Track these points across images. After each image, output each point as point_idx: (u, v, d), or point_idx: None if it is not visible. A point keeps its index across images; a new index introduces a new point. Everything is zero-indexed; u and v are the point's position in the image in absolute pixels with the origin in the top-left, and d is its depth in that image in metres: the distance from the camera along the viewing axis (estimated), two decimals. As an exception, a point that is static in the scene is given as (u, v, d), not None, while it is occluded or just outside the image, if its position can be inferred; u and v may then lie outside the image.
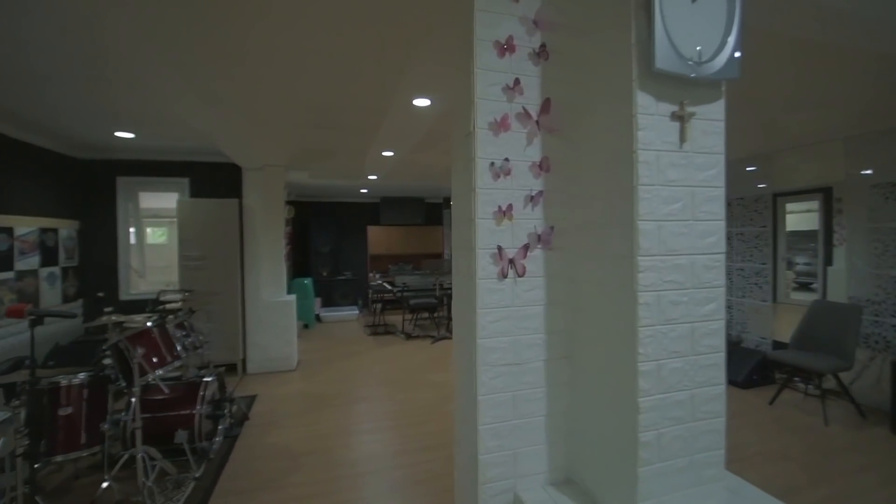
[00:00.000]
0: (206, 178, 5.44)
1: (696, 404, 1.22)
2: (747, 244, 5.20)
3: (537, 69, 1.43)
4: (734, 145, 4.86)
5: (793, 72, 2.76)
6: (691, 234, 1.20)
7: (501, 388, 1.39)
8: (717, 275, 1.23)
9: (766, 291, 4.99)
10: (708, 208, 1.22)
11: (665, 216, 1.17)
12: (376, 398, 4.46)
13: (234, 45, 2.34)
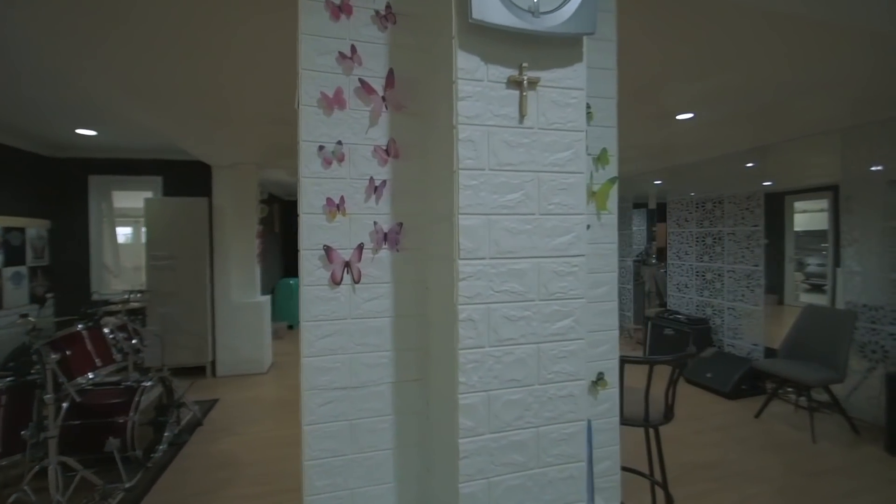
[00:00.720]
0: (180, 177, 5.32)
1: (543, 446, 0.95)
2: (739, 245, 4.81)
3: (383, 35, 1.18)
4: (728, 138, 4.52)
5: (785, 55, 2.44)
6: (536, 231, 0.94)
7: (335, 415, 1.15)
8: (574, 283, 0.96)
9: (759, 295, 4.60)
10: (560, 199, 0.96)
11: (497, 209, 0.92)
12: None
13: (164, 40, 2.14)
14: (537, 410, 0.95)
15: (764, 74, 2.72)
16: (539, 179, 0.95)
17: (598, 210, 1.38)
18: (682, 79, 2.83)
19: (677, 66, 2.61)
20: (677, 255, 5.63)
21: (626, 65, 1.35)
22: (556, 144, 0.96)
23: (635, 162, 5.49)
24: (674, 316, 5.34)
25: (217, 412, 4.08)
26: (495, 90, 0.92)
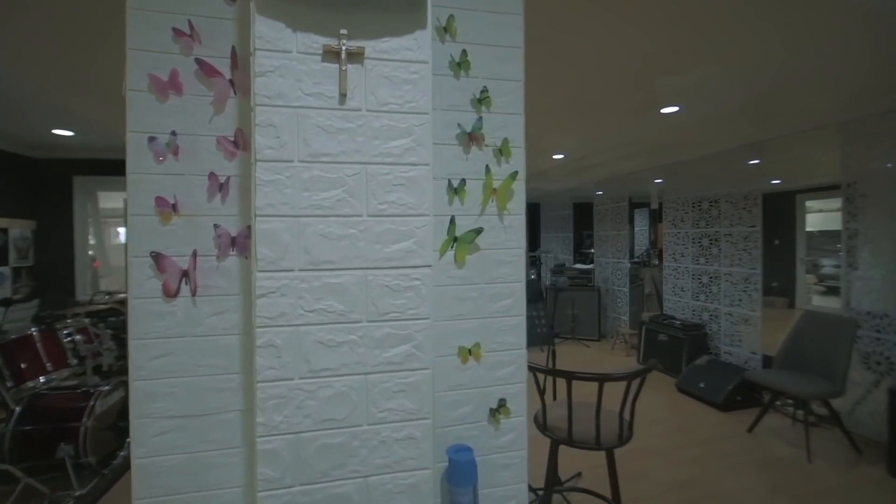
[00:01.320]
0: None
1: (375, 500, 0.78)
2: (736, 246, 4.52)
3: (232, 9, 1.02)
4: (721, 133, 4.23)
5: (773, 42, 2.19)
6: (363, 237, 0.76)
7: (171, 447, 0.99)
8: (416, 300, 0.78)
9: (756, 300, 4.30)
10: (396, 197, 0.78)
11: (309, 209, 0.74)
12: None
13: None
14: (365, 457, 0.77)
15: (753, 64, 2.47)
16: (367, 173, 0.77)
17: (500, 210, 1.18)
18: (667, 70, 2.60)
19: (661, 57, 2.39)
20: (673, 257, 5.35)
21: (607, 57, 1.17)
22: (390, 130, 0.78)
23: (632, 159, 5.23)
24: (669, 321, 5.06)
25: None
26: (306, 63, 0.74)
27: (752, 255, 4.32)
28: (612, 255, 6.46)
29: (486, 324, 1.17)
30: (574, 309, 6.44)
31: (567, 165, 5.72)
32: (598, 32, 2.06)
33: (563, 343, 6.32)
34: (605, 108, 3.31)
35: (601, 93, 2.97)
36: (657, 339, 5.11)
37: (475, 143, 1.17)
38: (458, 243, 1.15)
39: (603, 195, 6.60)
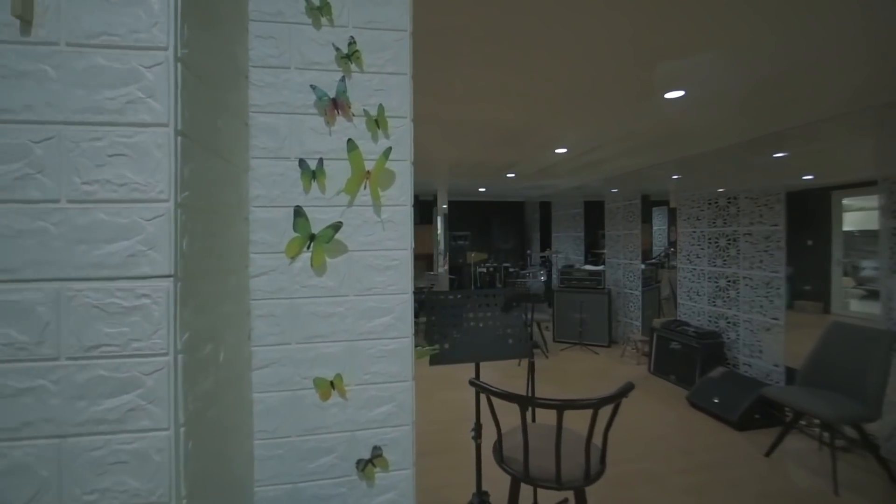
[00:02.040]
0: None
1: None
2: (756, 247, 4.07)
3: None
4: (734, 122, 3.80)
5: (803, 6, 1.83)
6: (60, 235, 0.51)
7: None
8: (144, 327, 0.52)
9: (779, 306, 3.84)
10: (113, 174, 0.52)
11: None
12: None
13: None
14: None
15: (767, 39, 2.10)
16: (65, 138, 0.51)
17: (375, 200, 0.90)
18: (667, 51, 2.25)
19: (659, 35, 2.05)
20: (688, 258, 4.91)
21: (599, 37, 0.89)
22: (102, 73, 0.52)
23: (641, 154, 4.82)
24: (682, 328, 4.63)
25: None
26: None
27: (775, 256, 3.86)
28: (625, 255, 6.03)
29: (355, 349, 0.89)
30: (582, 313, 6.05)
31: (572, 161, 5.34)
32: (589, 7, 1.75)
33: (569, 349, 5.94)
34: (603, 94, 2.96)
35: (596, 78, 2.64)
36: (669, 347, 4.69)
37: (341, 112, 0.89)
38: (316, 243, 0.88)
39: (618, 193, 6.17)
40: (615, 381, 4.47)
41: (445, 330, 2.15)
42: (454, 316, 2.19)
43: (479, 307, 2.22)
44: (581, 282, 6.18)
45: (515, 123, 3.70)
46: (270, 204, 0.87)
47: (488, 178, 6.65)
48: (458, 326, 2.17)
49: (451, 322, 2.18)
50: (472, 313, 2.22)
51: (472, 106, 3.23)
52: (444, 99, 3.06)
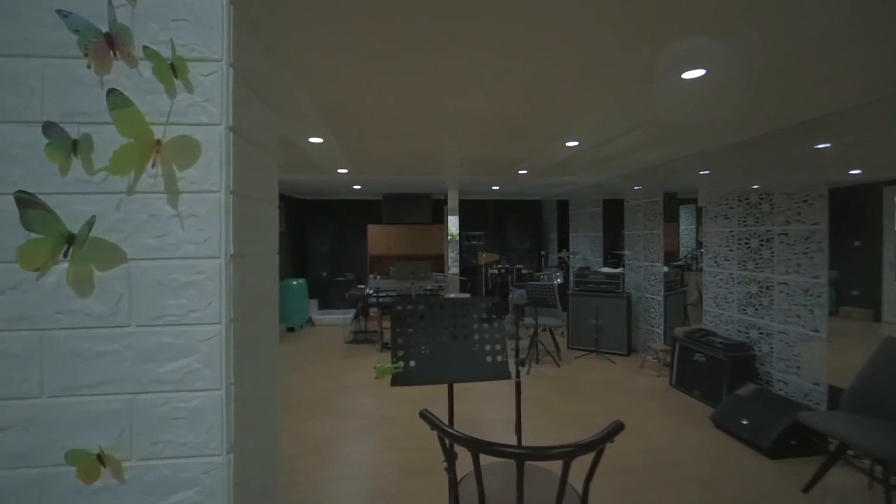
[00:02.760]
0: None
1: None
2: (793, 249, 3.57)
3: None
4: (776, 105, 3.32)
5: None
6: None
7: None
8: None
9: (820, 317, 3.34)
10: None
11: None
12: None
13: None
14: None
15: (793, 11, 1.70)
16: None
17: (169, 183, 0.61)
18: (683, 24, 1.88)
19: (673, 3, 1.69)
20: (715, 261, 4.42)
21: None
22: None
23: (660, 146, 4.37)
24: (707, 338, 4.16)
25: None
26: None
27: (815, 260, 3.36)
28: (646, 257, 5.56)
29: (137, 405, 0.59)
30: (598, 319, 5.61)
31: (587, 155, 4.93)
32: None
33: (583, 357, 5.52)
34: (610, 76, 2.58)
35: (601, 58, 2.28)
36: (692, 358, 4.22)
37: (118, 51, 0.60)
38: (74, 249, 0.58)
39: (640, 190, 5.70)
40: (631, 396, 4.03)
41: (412, 344, 1.84)
42: (423, 328, 1.88)
43: (453, 318, 1.90)
44: (598, 285, 5.74)
45: (518, 114, 3.35)
46: (8, 190, 0.58)
47: (499, 175, 6.29)
48: (428, 341, 1.86)
49: (418, 335, 1.87)
50: (444, 325, 1.89)
51: (469, 96, 2.91)
52: (436, 88, 2.75)
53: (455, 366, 1.84)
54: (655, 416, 3.74)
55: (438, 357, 1.84)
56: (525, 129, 3.72)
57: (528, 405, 4.02)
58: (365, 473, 2.93)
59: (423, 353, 1.84)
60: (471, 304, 1.94)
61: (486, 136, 3.97)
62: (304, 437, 3.44)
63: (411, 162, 5.30)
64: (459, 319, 1.92)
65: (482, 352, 1.88)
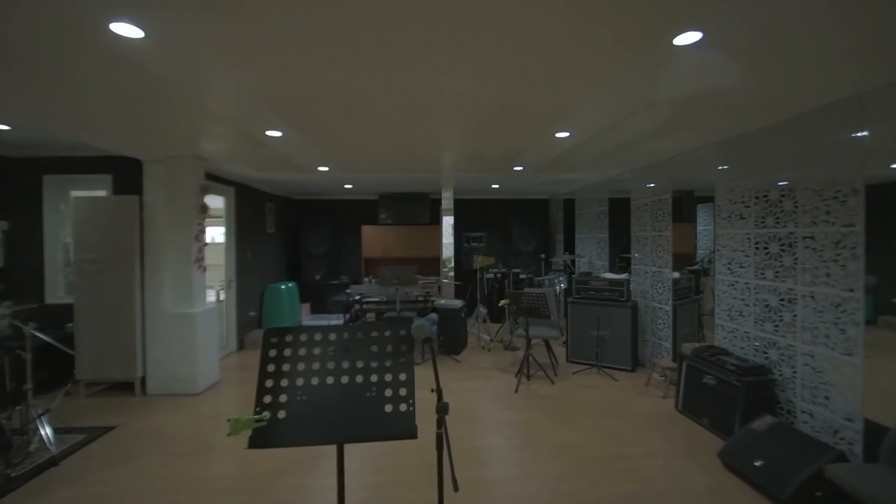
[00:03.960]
0: (132, 174, 4.80)
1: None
2: (821, 255, 2.96)
3: None
4: (800, 82, 2.72)
5: None
6: None
7: None
8: None
9: (855, 338, 2.73)
10: None
11: None
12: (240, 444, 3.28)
13: None
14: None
15: None
16: None
17: None
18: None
19: None
20: (728, 268, 3.81)
21: None
22: None
23: (665, 136, 3.80)
24: (718, 357, 3.57)
25: (98, 446, 3.36)
26: None
27: (849, 268, 2.76)
28: (653, 261, 4.97)
29: None
30: (600, 330, 5.05)
31: (588, 148, 4.39)
32: None
33: (583, 372, 4.97)
34: (594, 42, 2.09)
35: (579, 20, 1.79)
36: (701, 381, 3.64)
37: None
38: None
39: (653, 187, 5.09)
40: (631, 422, 3.45)
41: (285, 388, 1.36)
42: (306, 364, 1.40)
43: (344, 353, 1.41)
44: (600, 292, 5.18)
45: (498, 100, 2.86)
46: None
47: (494, 172, 5.79)
48: (306, 383, 1.36)
49: (295, 374, 1.40)
50: (333, 362, 1.42)
51: (437, 76, 2.45)
52: (398, 69, 2.30)
53: (342, 419, 1.37)
54: (656, 451, 3.19)
55: (320, 406, 1.37)
56: (507, 116, 3.23)
57: (512, 430, 3.53)
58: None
59: (298, 399, 1.37)
60: (371, 332, 1.47)
61: (463, 124, 3.50)
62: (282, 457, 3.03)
63: (393, 158, 4.87)
64: (354, 354, 1.45)
65: (380, 398, 1.41)
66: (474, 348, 6.11)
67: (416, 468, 2.92)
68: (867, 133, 3.12)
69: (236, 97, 2.77)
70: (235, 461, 3.10)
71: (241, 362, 5.62)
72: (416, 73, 2.41)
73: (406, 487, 2.71)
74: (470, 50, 2.13)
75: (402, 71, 2.37)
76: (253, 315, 6.53)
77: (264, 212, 6.94)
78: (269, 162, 4.96)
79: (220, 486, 2.80)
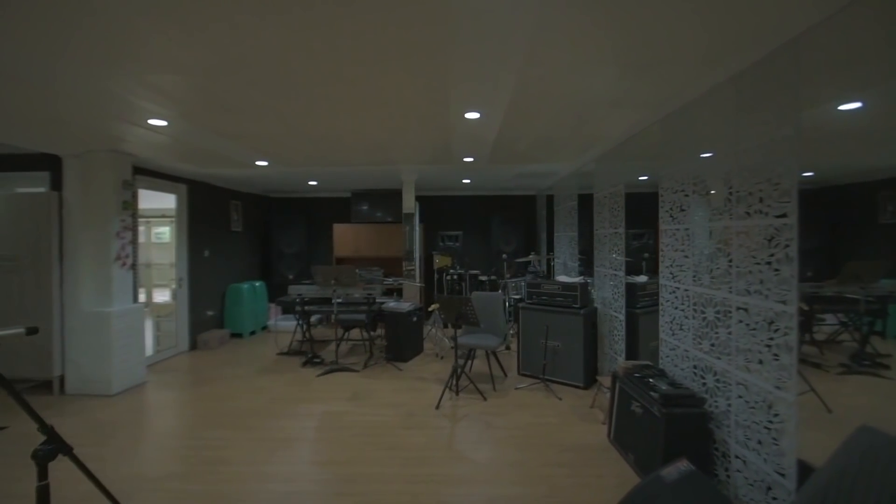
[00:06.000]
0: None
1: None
2: (754, 257, 2.25)
3: None
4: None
5: None
6: None
7: None
8: None
9: (788, 367, 2.02)
10: None
11: None
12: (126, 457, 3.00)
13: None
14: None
15: None
16: None
17: None
18: None
19: None
20: (671, 272, 3.11)
21: None
22: None
23: (613, 110, 3.17)
24: (649, 379, 2.90)
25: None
26: None
27: (782, 273, 2.05)
28: (610, 263, 4.28)
29: None
30: (548, 340, 4.42)
31: (513, 134, 3.82)
32: None
33: (527, 388, 4.35)
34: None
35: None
36: (630, 408, 2.98)
37: None
38: None
39: (609, 179, 4.39)
40: (545, 454, 2.80)
41: None
42: None
43: None
44: (552, 298, 4.54)
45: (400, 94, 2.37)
46: None
47: (445, 164, 5.29)
48: None
49: None
50: None
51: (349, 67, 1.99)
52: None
53: None
54: (555, 493, 2.59)
55: None
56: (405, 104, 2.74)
57: (392, 457, 3.02)
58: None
59: None
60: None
61: (380, 114, 3.06)
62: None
63: (312, 151, 4.49)
64: None
65: None
66: (428, 355, 5.60)
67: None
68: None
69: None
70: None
71: (187, 363, 5.44)
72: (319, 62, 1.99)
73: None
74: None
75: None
76: (211, 314, 6.37)
77: (228, 209, 6.78)
78: (197, 156, 4.72)
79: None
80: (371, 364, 5.19)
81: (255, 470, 2.84)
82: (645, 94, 2.91)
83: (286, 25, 1.92)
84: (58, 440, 1.45)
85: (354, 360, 5.34)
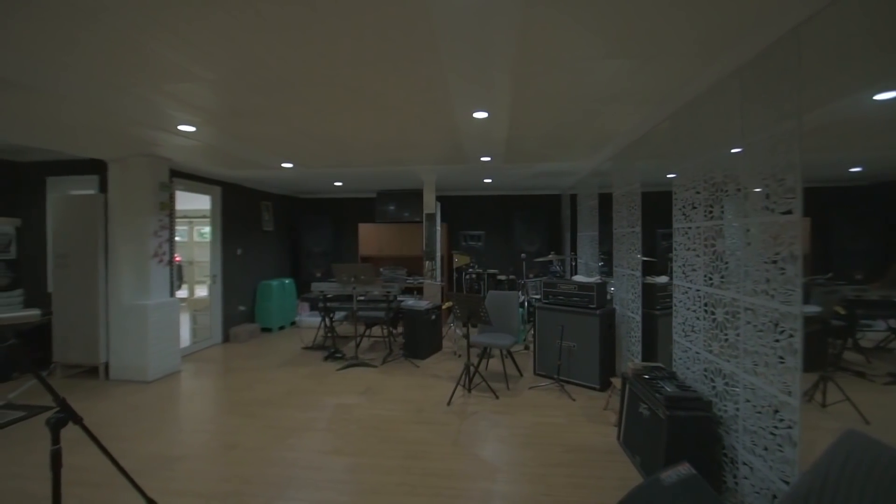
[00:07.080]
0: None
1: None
2: (761, 256, 2.14)
3: None
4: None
5: None
6: None
7: None
8: None
9: (793, 371, 1.92)
10: None
11: None
12: (150, 438, 3.25)
13: None
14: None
15: None
16: None
17: None
18: None
19: None
20: (683, 271, 3.00)
21: None
22: None
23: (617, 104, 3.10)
24: (659, 381, 2.81)
25: (22, 425, 3.54)
26: None
27: (787, 272, 1.95)
28: (628, 262, 4.17)
29: None
30: (563, 340, 4.35)
31: (522, 131, 3.81)
32: None
33: (542, 388, 4.30)
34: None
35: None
36: (638, 410, 2.91)
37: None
38: None
39: (626, 177, 4.28)
40: (549, 454, 2.91)
41: None
42: None
43: None
44: (568, 298, 4.48)
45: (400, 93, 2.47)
46: None
47: (462, 164, 5.32)
48: None
49: None
50: None
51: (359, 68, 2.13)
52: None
53: None
54: (555, 497, 2.57)
55: None
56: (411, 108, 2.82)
57: (396, 450, 3.09)
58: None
59: None
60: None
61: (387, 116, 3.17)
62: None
63: (321, 151, 4.64)
64: None
65: None
66: (446, 353, 5.64)
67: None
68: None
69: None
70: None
71: (219, 355, 5.73)
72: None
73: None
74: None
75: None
76: (243, 309, 6.68)
77: (259, 210, 7.09)
78: (226, 159, 4.99)
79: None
80: (389, 360, 5.28)
81: (263, 455, 2.98)
82: (643, 88, 2.83)
83: (264, 29, 2.02)
84: (69, 410, 1.60)
85: (374, 356, 5.46)
